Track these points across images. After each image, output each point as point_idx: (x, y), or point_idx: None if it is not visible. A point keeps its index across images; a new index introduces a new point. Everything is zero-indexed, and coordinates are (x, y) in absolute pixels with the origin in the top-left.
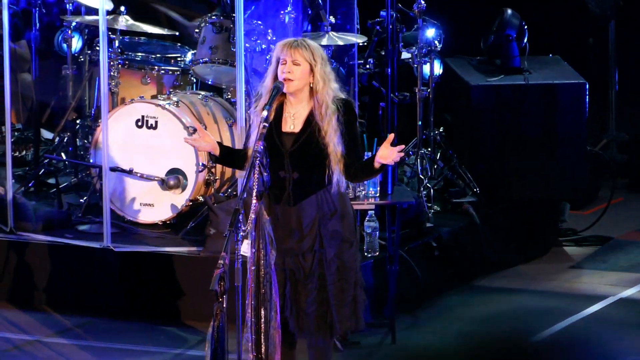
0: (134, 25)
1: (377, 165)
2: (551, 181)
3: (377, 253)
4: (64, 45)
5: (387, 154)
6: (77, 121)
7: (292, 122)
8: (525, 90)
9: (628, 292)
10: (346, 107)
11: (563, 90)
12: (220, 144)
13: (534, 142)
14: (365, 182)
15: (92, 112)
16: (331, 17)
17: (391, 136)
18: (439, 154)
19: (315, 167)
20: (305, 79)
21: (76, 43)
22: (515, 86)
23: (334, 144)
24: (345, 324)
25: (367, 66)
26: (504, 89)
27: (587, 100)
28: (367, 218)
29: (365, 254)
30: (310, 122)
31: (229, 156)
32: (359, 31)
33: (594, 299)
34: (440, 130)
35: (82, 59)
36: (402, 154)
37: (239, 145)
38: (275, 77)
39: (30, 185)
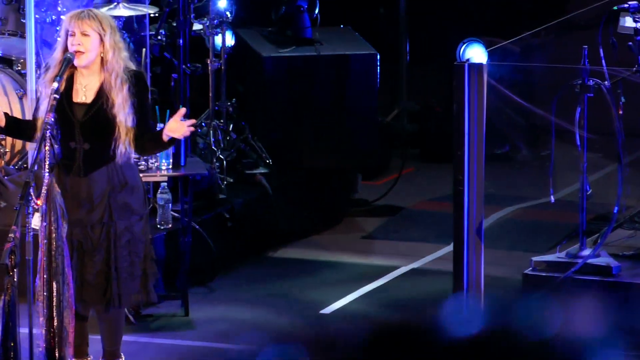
0: None
1: (165, 138)
2: (343, 151)
3: (170, 225)
4: None
5: (177, 127)
6: None
7: (84, 94)
8: (317, 61)
9: (419, 263)
10: (137, 78)
11: (354, 60)
12: (6, 114)
13: (326, 113)
14: (158, 154)
15: None
16: None
17: (182, 110)
18: (231, 126)
19: (107, 138)
20: (95, 50)
21: None
22: (307, 57)
23: (124, 114)
24: (136, 297)
25: (159, 37)
26: (295, 60)
27: (378, 70)
28: (159, 190)
29: (158, 226)
30: (102, 93)
31: (16, 127)
32: (151, 2)
33: (386, 269)
34: (233, 101)
35: None
36: (192, 129)
37: (29, 117)
38: (65, 49)
39: None
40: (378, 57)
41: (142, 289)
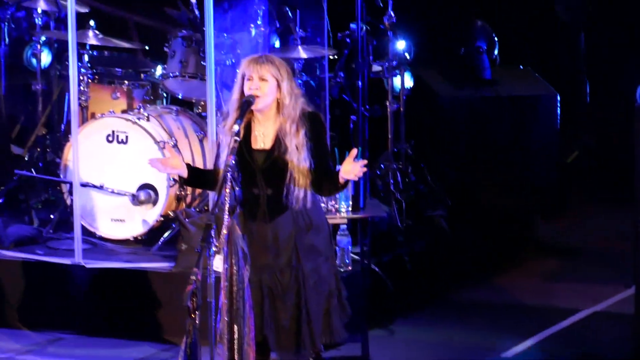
0: (104, 39)
1: (342, 180)
2: (522, 192)
3: (350, 267)
4: (34, 60)
5: (350, 169)
6: (47, 136)
7: (262, 140)
8: (496, 102)
9: (600, 306)
10: (314, 120)
11: (534, 101)
12: (189, 165)
13: (505, 154)
14: (337, 196)
15: (62, 127)
16: (301, 29)
17: (354, 151)
18: (410, 167)
19: (289, 182)
20: (272, 95)
21: (45, 58)
22: (486, 98)
23: (298, 160)
24: (322, 337)
25: (338, 79)
26: (474, 101)
27: (559, 111)
28: (339, 232)
29: (338, 268)
30: (279, 138)
31: (198, 177)
32: (330, 44)
33: (567, 312)
34: (412, 143)
35: (51, 74)
36: (365, 169)
37: (210, 160)
38: (242, 94)
39: (0, 201)
40: (558, 97)
41: (327, 328)
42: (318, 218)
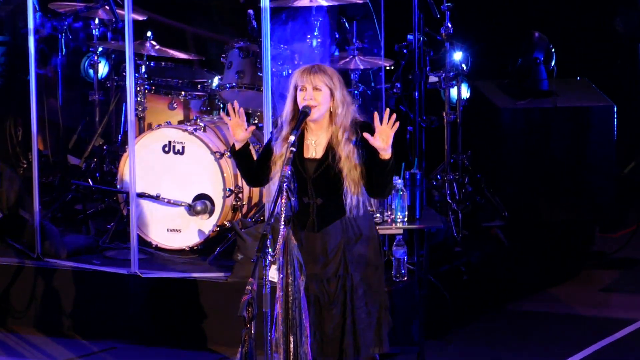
0: (160, 50)
1: (381, 156)
2: (580, 204)
3: (406, 278)
4: (91, 71)
5: (380, 135)
6: (104, 147)
7: (314, 149)
8: (554, 113)
9: None
10: (367, 130)
11: (591, 113)
12: (247, 143)
13: (562, 165)
14: (393, 206)
15: (119, 138)
16: (358, 41)
17: (387, 111)
18: (467, 178)
19: (338, 192)
20: (326, 104)
21: (102, 68)
22: (544, 109)
23: (349, 168)
24: (373, 348)
25: (394, 90)
26: (532, 112)
27: (615, 122)
28: (395, 243)
29: (394, 278)
30: (331, 147)
31: (245, 158)
32: (386, 55)
33: (624, 323)
34: (468, 153)
35: (108, 85)
36: (397, 123)
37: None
38: (295, 105)
39: (57, 211)
40: (615, 109)
41: (377, 338)
42: (368, 228)
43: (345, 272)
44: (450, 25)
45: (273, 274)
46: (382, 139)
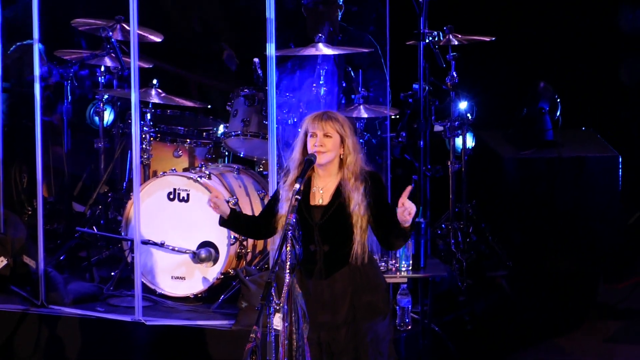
0: (166, 97)
1: (402, 224)
2: (584, 253)
3: (410, 327)
4: (96, 118)
5: (404, 209)
6: (109, 194)
7: (321, 196)
8: (558, 163)
9: None
10: (374, 179)
11: (596, 163)
12: (232, 210)
13: (566, 215)
14: (398, 255)
15: (124, 185)
16: (364, 89)
17: (408, 188)
18: (471, 228)
19: (345, 239)
20: (336, 150)
21: (108, 116)
22: (548, 159)
23: (357, 215)
24: None
25: (400, 139)
26: (536, 162)
27: (620, 173)
28: (399, 291)
29: (398, 327)
30: (339, 194)
31: (238, 221)
32: (392, 104)
33: None
34: (473, 203)
35: (114, 132)
36: (410, 190)
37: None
38: (304, 150)
39: (61, 258)
40: (620, 159)
41: None
42: (375, 276)
43: (354, 319)
44: (455, 75)
45: (277, 322)
46: (406, 209)
